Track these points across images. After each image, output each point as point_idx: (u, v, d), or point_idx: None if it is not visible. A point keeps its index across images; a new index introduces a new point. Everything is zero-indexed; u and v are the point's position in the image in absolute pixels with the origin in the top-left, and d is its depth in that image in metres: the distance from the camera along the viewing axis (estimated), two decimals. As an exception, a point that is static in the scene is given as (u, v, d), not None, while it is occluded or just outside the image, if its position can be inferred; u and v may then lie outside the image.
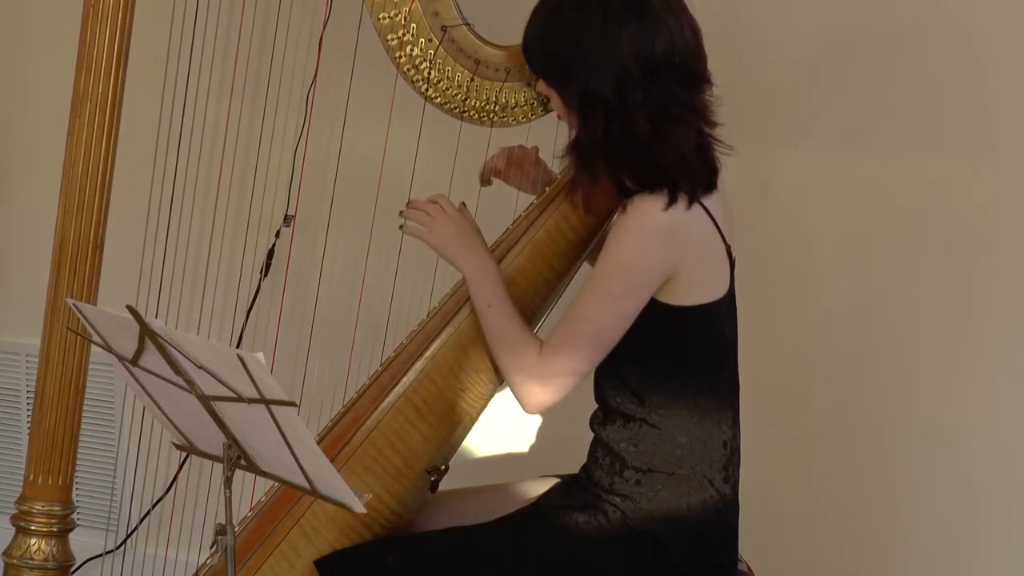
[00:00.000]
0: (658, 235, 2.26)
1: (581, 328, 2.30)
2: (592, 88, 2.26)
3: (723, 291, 2.34)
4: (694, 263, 2.29)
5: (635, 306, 2.29)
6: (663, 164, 2.26)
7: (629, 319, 2.30)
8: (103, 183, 2.68)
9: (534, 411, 2.36)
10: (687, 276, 2.28)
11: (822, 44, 3.03)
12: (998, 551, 3.06)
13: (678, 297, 2.29)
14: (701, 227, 2.28)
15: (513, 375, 2.35)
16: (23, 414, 3.65)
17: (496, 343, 2.37)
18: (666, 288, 2.29)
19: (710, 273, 2.32)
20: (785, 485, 3.11)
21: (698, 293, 2.30)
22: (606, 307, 2.29)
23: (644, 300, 2.29)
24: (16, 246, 3.61)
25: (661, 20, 2.26)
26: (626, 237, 2.28)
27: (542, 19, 2.33)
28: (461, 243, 2.41)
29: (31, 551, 2.73)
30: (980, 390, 3.03)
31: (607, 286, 2.29)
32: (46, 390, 2.72)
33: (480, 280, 2.39)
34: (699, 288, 2.30)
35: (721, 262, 2.33)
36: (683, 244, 2.27)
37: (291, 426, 1.96)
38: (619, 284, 2.28)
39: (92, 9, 2.64)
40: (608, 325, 2.29)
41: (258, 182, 2.97)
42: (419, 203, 2.45)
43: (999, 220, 2.99)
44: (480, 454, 3.14)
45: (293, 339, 2.87)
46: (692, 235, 2.27)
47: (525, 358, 2.33)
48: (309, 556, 2.33)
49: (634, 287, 2.28)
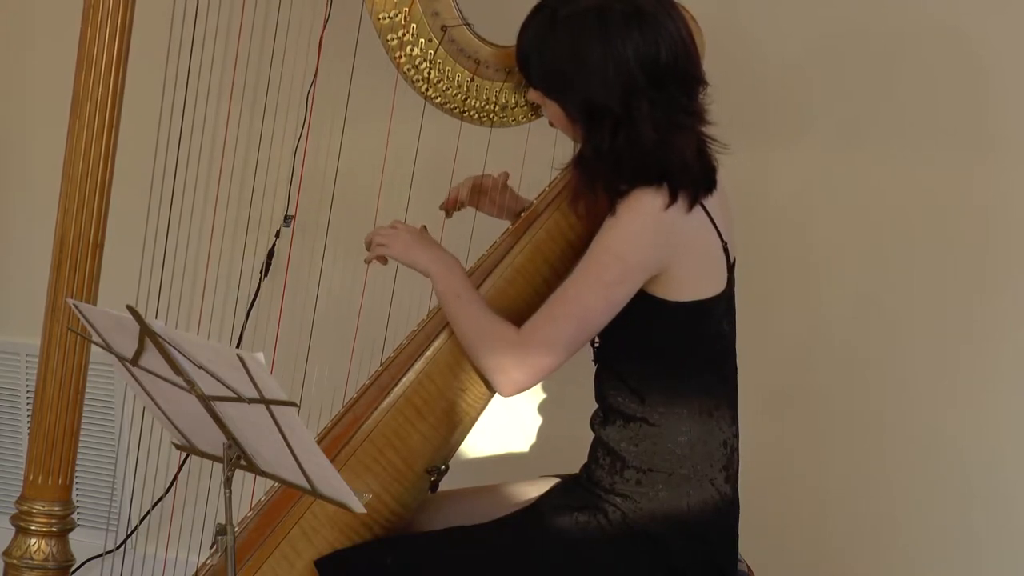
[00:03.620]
0: (655, 229, 2.25)
1: (567, 310, 2.29)
2: (597, 99, 2.25)
3: (719, 288, 2.33)
4: (687, 260, 2.28)
5: (624, 295, 2.28)
6: (667, 170, 2.25)
7: (616, 308, 2.29)
8: (103, 183, 2.68)
9: (510, 392, 2.34)
10: (680, 272, 2.28)
11: (820, 44, 3.03)
12: (998, 551, 3.05)
13: (672, 292, 2.29)
14: (698, 227, 2.28)
15: (488, 359, 2.33)
16: (23, 414, 3.65)
17: (468, 332, 2.35)
18: (660, 283, 2.29)
19: (704, 271, 2.31)
20: (785, 485, 3.11)
21: (693, 289, 2.30)
22: (596, 292, 2.28)
23: (633, 290, 2.29)
24: (16, 246, 3.61)
25: (662, 26, 2.25)
26: (623, 227, 2.27)
27: (540, 29, 2.30)
28: (418, 246, 2.41)
29: (31, 551, 2.72)
30: (980, 389, 3.03)
31: (599, 272, 2.28)
32: (46, 390, 2.72)
33: (445, 273, 2.38)
34: (693, 284, 2.30)
35: (717, 260, 2.33)
36: (678, 242, 2.27)
37: (291, 426, 1.96)
38: (612, 271, 2.27)
39: (92, 9, 2.64)
40: (595, 310, 2.28)
41: (258, 182, 2.97)
42: (374, 231, 2.46)
43: (998, 220, 2.98)
44: (480, 454, 3.14)
45: (293, 339, 2.87)
46: (688, 234, 2.27)
47: (500, 341, 2.31)
48: (309, 556, 2.33)
49: (626, 275, 2.27)
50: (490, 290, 2.41)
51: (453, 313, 2.36)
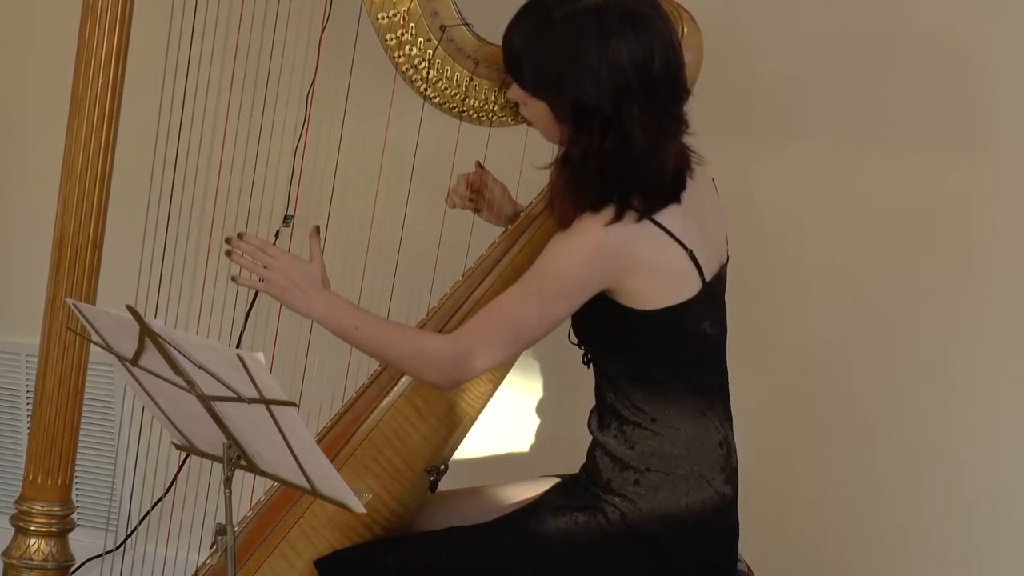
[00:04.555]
0: (596, 252, 2.23)
1: (501, 323, 2.27)
2: (589, 101, 2.22)
3: (690, 293, 2.29)
4: (637, 275, 2.25)
5: (564, 312, 2.27)
6: (644, 177, 2.23)
7: (555, 323, 2.28)
8: (102, 182, 2.68)
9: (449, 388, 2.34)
10: (636, 286, 2.26)
11: (815, 46, 3.03)
12: (996, 552, 3.06)
13: (637, 303, 2.27)
14: (647, 240, 2.24)
15: (415, 361, 2.31)
16: (23, 414, 3.65)
17: (385, 349, 2.32)
18: (619, 295, 2.27)
19: (661, 281, 2.27)
20: (785, 486, 3.11)
21: (655, 298, 2.27)
22: (534, 307, 2.26)
23: (574, 307, 2.27)
24: (16, 245, 3.60)
25: (657, 31, 2.23)
26: (565, 248, 2.25)
27: (533, 28, 2.27)
28: (296, 293, 2.35)
29: (31, 551, 2.72)
30: (976, 392, 3.03)
31: (539, 288, 2.26)
32: (46, 390, 2.72)
33: (334, 314, 2.34)
34: (654, 294, 2.27)
35: (680, 269, 2.28)
36: (623, 259, 2.24)
37: (291, 426, 1.96)
38: (552, 288, 2.25)
39: (91, 7, 2.64)
40: (531, 325, 2.27)
41: (257, 182, 2.96)
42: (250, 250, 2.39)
43: (993, 223, 2.98)
44: (480, 454, 3.13)
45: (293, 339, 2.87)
46: (635, 250, 2.24)
47: (421, 342, 2.30)
48: (309, 556, 2.33)
49: (565, 294, 2.25)
50: (488, 290, 2.41)
51: (361, 344, 2.33)
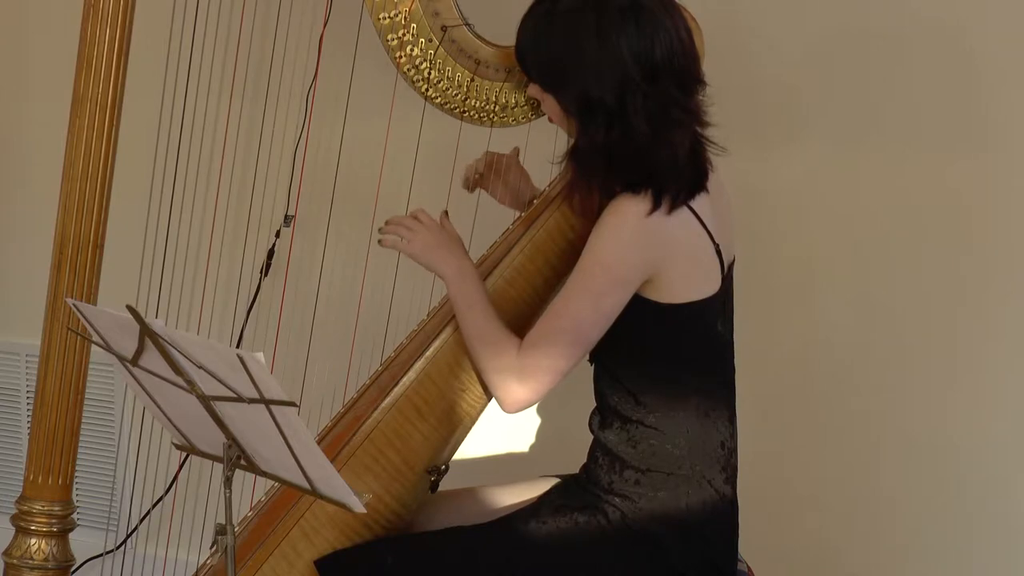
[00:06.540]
0: (639, 236, 2.25)
1: (561, 324, 2.29)
2: (592, 93, 2.25)
3: (713, 289, 2.33)
4: (676, 264, 2.28)
5: (616, 303, 2.29)
6: (656, 167, 2.25)
7: (610, 316, 2.29)
8: (103, 183, 2.68)
9: (513, 410, 2.34)
10: (669, 276, 2.28)
11: (819, 44, 3.03)
12: (995, 551, 3.06)
13: (664, 295, 2.29)
14: (685, 229, 2.28)
15: (492, 375, 2.34)
16: (23, 414, 3.65)
17: (476, 343, 2.35)
18: (650, 286, 2.29)
19: (695, 273, 2.31)
20: (785, 485, 3.11)
21: (684, 291, 2.30)
22: (587, 303, 2.28)
23: (626, 298, 2.29)
24: (16, 246, 3.60)
25: (659, 22, 2.25)
26: (607, 236, 2.27)
27: (537, 24, 2.31)
28: (439, 248, 2.40)
29: (31, 551, 2.72)
30: (979, 390, 3.03)
31: (587, 283, 2.28)
32: (46, 390, 2.72)
33: (460, 282, 2.38)
34: (684, 287, 2.30)
35: (708, 262, 2.32)
36: (664, 246, 2.26)
37: (291, 426, 1.96)
38: (600, 281, 2.27)
39: (92, 9, 2.64)
40: (588, 321, 2.28)
41: (258, 182, 2.97)
42: (398, 219, 2.45)
43: (998, 220, 2.99)
44: (480, 454, 3.14)
45: (293, 339, 2.87)
46: (674, 237, 2.27)
47: (503, 356, 2.32)
48: (309, 556, 2.33)
49: (615, 285, 2.27)
50: (490, 290, 2.41)
51: (463, 321, 2.37)
